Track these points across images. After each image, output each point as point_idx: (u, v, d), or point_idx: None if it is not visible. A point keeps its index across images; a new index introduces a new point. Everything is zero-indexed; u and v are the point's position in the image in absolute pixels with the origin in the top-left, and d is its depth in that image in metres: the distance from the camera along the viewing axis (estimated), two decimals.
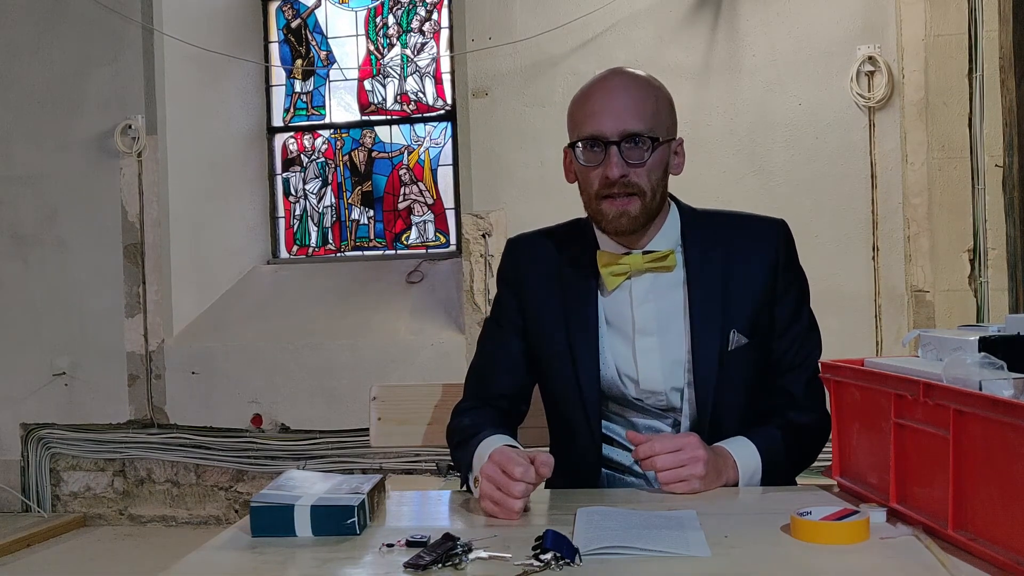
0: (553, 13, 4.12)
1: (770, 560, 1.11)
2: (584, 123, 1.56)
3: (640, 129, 1.52)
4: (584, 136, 1.55)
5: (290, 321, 4.55)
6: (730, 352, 1.57)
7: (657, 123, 1.55)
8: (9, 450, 4.69)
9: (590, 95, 1.57)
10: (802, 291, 1.66)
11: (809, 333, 1.64)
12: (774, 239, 1.63)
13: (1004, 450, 1.02)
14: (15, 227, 4.67)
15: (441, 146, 4.84)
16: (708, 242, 1.61)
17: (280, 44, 5.03)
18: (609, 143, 1.52)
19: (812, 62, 3.91)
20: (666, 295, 1.59)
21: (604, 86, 1.57)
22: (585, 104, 1.57)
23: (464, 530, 1.23)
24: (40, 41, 4.61)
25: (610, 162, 1.52)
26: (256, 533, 1.26)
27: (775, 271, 1.61)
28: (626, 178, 1.52)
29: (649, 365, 1.58)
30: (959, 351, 1.20)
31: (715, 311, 1.57)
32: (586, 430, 1.61)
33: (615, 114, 1.53)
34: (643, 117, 1.53)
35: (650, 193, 1.55)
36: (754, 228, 1.64)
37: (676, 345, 1.58)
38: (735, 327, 1.57)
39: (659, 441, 1.44)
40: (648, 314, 1.59)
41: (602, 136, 1.53)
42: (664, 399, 1.59)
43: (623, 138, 1.52)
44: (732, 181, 3.91)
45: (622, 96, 1.54)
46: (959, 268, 3.77)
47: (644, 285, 1.59)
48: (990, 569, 1.04)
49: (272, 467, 4.40)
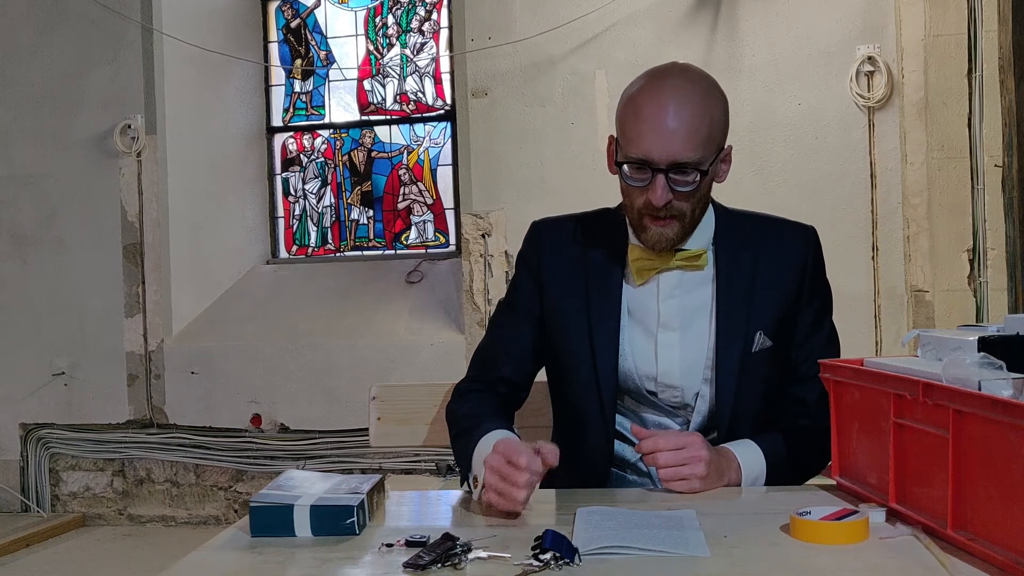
0: (553, 13, 4.12)
1: (769, 560, 1.11)
2: (633, 142, 1.48)
3: (691, 159, 1.47)
4: (631, 158, 1.49)
5: (290, 321, 4.55)
6: (753, 354, 1.56)
7: (708, 149, 1.49)
8: (8, 450, 4.69)
9: (642, 107, 1.48)
10: (826, 301, 1.66)
11: (828, 345, 1.63)
12: (804, 245, 1.62)
13: (1003, 450, 1.02)
14: (14, 227, 4.67)
15: (441, 146, 4.84)
16: (740, 243, 1.60)
17: (280, 44, 5.02)
18: (657, 170, 1.47)
19: (812, 62, 3.91)
20: (693, 292, 1.58)
21: (658, 104, 1.47)
22: (636, 118, 1.48)
23: (463, 530, 1.23)
24: (39, 41, 4.61)
25: (655, 190, 1.47)
26: (255, 533, 1.26)
27: (802, 277, 1.61)
28: (670, 204, 1.49)
29: (669, 359, 1.57)
30: (958, 351, 1.20)
31: (741, 311, 1.57)
32: (600, 424, 1.60)
33: (665, 142, 1.45)
34: (695, 145, 1.46)
35: (690, 215, 1.53)
36: (786, 233, 1.64)
37: (699, 342, 1.57)
38: (761, 329, 1.57)
39: (663, 437, 1.44)
40: (673, 309, 1.58)
41: (651, 162, 1.47)
42: (680, 395, 1.58)
43: (671, 168, 1.47)
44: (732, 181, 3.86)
45: (673, 121, 1.46)
46: (958, 268, 3.77)
47: (672, 280, 1.58)
48: (989, 569, 1.04)
49: (271, 467, 4.40)
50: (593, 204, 1.75)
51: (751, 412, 1.58)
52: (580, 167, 4.02)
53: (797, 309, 1.60)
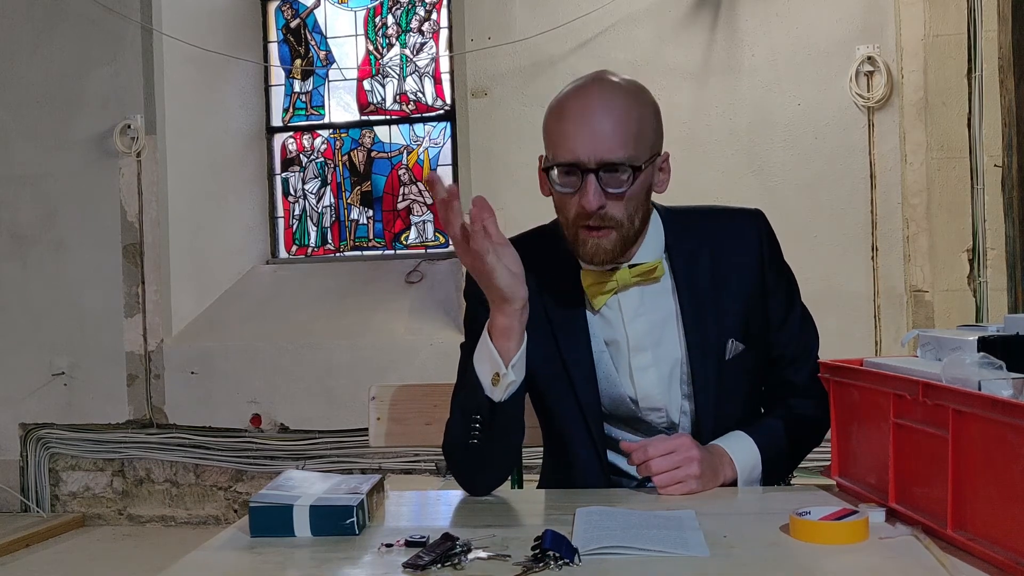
0: (552, 13, 4.12)
1: (769, 560, 1.11)
2: (560, 145, 1.44)
3: (620, 158, 1.41)
4: (560, 161, 1.43)
5: (289, 321, 4.55)
6: (728, 361, 1.53)
7: (640, 148, 1.44)
8: (8, 450, 4.69)
9: (566, 112, 1.44)
10: (791, 280, 1.62)
11: (805, 322, 1.62)
12: (756, 232, 1.58)
13: (1003, 450, 1.02)
14: (14, 227, 4.67)
15: (440, 146, 4.84)
16: (692, 244, 1.56)
17: (279, 44, 5.02)
18: (586, 171, 1.41)
19: (811, 62, 3.91)
20: (657, 306, 1.54)
21: (583, 104, 1.43)
22: (561, 122, 1.44)
23: (463, 530, 1.23)
24: (39, 41, 4.61)
25: (587, 193, 1.41)
26: (255, 533, 1.26)
27: (762, 265, 1.57)
28: (603, 210, 1.42)
29: (646, 382, 1.54)
30: (958, 351, 1.20)
31: (708, 318, 1.53)
32: (588, 444, 1.56)
33: (593, 140, 1.41)
34: (624, 143, 1.41)
35: (627, 223, 1.46)
36: (734, 223, 1.59)
37: (671, 357, 1.54)
38: (731, 336, 1.53)
39: (652, 445, 1.42)
40: (641, 329, 1.53)
41: (579, 163, 1.42)
42: (664, 415, 1.55)
43: (601, 167, 1.41)
44: (731, 181, 3.91)
45: (601, 119, 1.41)
46: (958, 268, 3.77)
47: (633, 299, 1.53)
48: (989, 569, 1.04)
49: (271, 467, 4.40)
50: None
51: (734, 418, 1.55)
52: None
53: (764, 298, 1.57)
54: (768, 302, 1.58)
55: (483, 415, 1.44)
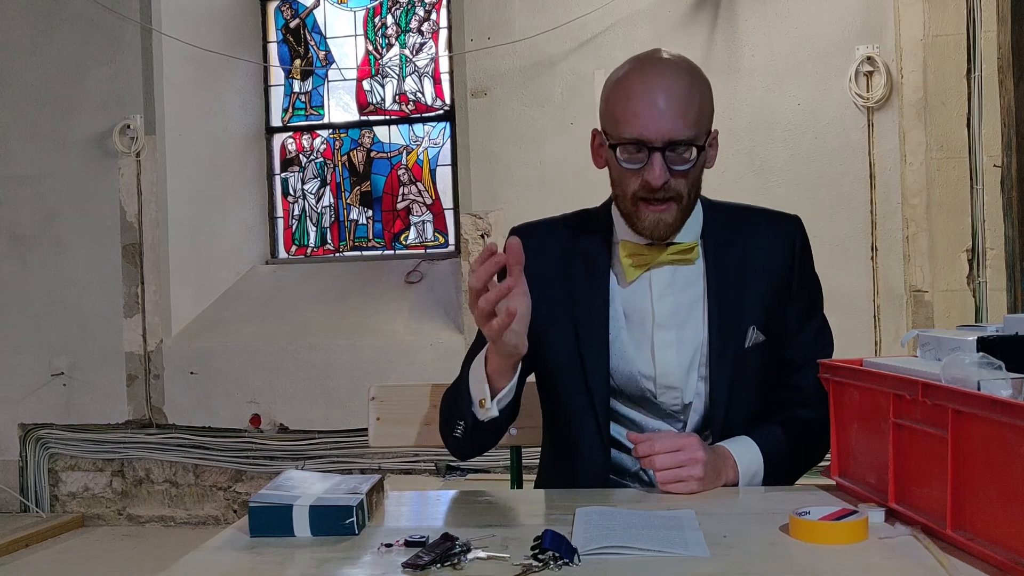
0: (552, 13, 4.12)
1: (769, 560, 1.11)
2: (627, 124, 1.48)
3: (687, 136, 1.46)
4: (626, 139, 1.48)
5: (289, 321, 4.55)
6: (746, 349, 1.55)
7: (701, 126, 1.49)
8: (7, 450, 4.69)
9: (632, 91, 1.49)
10: (815, 290, 1.65)
11: (820, 334, 1.63)
12: (791, 236, 1.62)
13: (1002, 450, 1.02)
14: (13, 227, 4.67)
15: (440, 146, 4.84)
16: (727, 235, 1.59)
17: (279, 44, 5.02)
18: (653, 149, 1.46)
19: (811, 62, 3.91)
20: (686, 288, 1.57)
21: (648, 84, 1.48)
22: (627, 101, 1.48)
23: (463, 530, 1.23)
24: (38, 41, 4.61)
25: (653, 170, 1.46)
26: (254, 533, 1.26)
27: (791, 267, 1.60)
28: (668, 184, 1.47)
29: (667, 360, 1.56)
30: (957, 351, 1.20)
31: (733, 306, 1.55)
32: (595, 432, 1.57)
33: (660, 119, 1.45)
34: (689, 122, 1.46)
35: (687, 197, 1.51)
36: (772, 224, 1.63)
37: (694, 340, 1.56)
38: (754, 323, 1.56)
39: (659, 440, 1.43)
40: (667, 308, 1.56)
41: (646, 141, 1.46)
42: (679, 396, 1.56)
43: (667, 145, 1.46)
44: (731, 181, 3.91)
45: (668, 99, 1.46)
46: (958, 268, 3.77)
47: (664, 278, 1.56)
48: (989, 569, 1.04)
49: (271, 467, 4.40)
50: (593, 204, 1.73)
51: (744, 409, 1.56)
52: (579, 167, 4.00)
53: (787, 301, 1.59)
54: (787, 308, 1.60)
55: (466, 423, 1.52)
